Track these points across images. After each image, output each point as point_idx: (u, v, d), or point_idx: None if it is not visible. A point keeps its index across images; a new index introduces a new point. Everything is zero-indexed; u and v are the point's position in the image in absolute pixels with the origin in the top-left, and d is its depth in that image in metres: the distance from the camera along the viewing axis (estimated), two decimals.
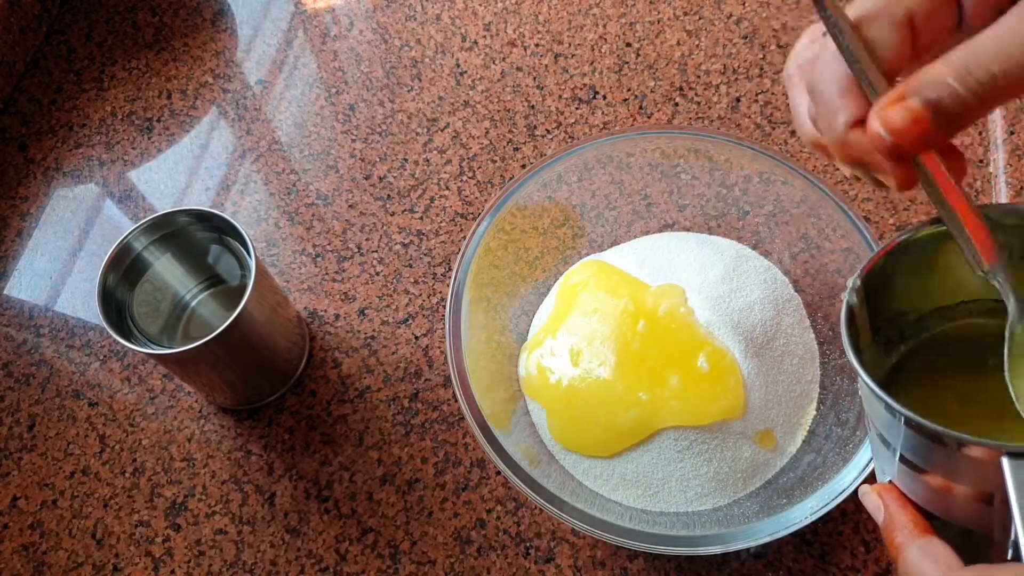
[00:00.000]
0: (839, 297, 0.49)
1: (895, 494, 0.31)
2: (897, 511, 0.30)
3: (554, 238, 0.53)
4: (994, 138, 0.57)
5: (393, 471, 0.50)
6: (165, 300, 0.52)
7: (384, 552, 0.48)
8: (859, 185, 0.57)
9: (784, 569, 0.46)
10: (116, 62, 0.68)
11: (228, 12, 0.70)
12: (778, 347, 0.48)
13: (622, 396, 0.46)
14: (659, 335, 0.48)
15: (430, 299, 0.56)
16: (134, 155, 0.64)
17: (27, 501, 0.52)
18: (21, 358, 0.56)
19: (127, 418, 0.54)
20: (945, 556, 0.28)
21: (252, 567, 0.49)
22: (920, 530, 0.29)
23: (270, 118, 0.64)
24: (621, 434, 0.46)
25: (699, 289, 0.49)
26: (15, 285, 0.59)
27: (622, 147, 0.51)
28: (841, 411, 0.46)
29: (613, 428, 0.46)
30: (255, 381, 0.51)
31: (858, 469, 0.42)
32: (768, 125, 0.60)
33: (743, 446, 0.46)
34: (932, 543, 0.29)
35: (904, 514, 0.30)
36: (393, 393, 0.53)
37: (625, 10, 0.66)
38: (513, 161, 0.60)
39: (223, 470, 0.51)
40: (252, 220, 0.60)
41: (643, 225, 0.54)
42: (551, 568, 0.47)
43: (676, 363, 0.47)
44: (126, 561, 0.49)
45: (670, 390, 0.46)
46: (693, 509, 0.46)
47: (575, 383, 0.47)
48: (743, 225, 0.53)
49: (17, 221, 0.62)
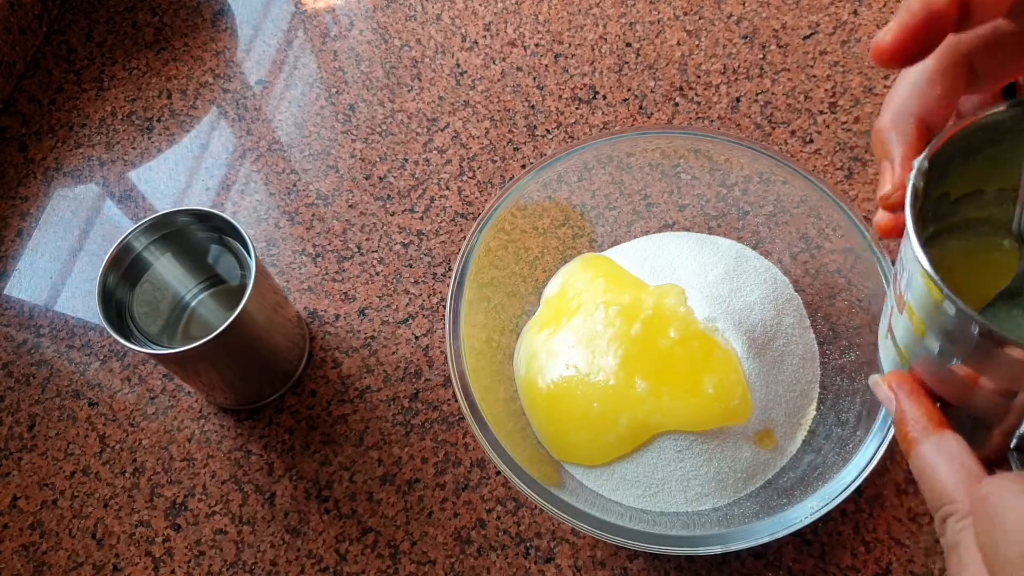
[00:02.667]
0: (839, 297, 0.49)
1: (908, 386, 0.29)
2: (910, 405, 0.29)
3: (554, 238, 0.53)
4: None
5: (393, 471, 0.50)
6: (165, 300, 0.52)
7: (384, 552, 0.48)
8: (859, 185, 0.57)
9: (784, 569, 0.46)
10: (116, 62, 0.68)
11: (228, 12, 0.70)
12: (778, 347, 0.48)
13: (620, 401, 0.46)
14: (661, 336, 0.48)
15: (430, 299, 0.56)
16: (134, 155, 0.64)
17: (27, 501, 0.52)
18: (21, 358, 0.56)
19: (127, 418, 0.54)
20: (959, 453, 0.27)
21: (252, 567, 0.49)
22: (935, 424, 0.28)
23: (270, 118, 0.64)
24: (619, 440, 0.46)
25: (699, 289, 0.49)
26: (15, 285, 0.59)
27: (622, 147, 0.51)
28: (841, 411, 0.46)
29: (610, 434, 0.46)
30: (255, 381, 0.51)
31: (858, 469, 0.42)
32: (768, 125, 0.60)
33: (743, 446, 0.46)
34: (947, 439, 0.27)
35: (918, 407, 0.28)
36: (393, 393, 0.53)
37: (625, 10, 0.66)
38: (513, 161, 0.60)
39: (223, 470, 0.51)
40: (252, 220, 0.60)
41: (643, 225, 0.54)
42: (551, 568, 0.47)
43: (680, 365, 0.47)
44: (126, 561, 0.49)
45: (673, 394, 0.46)
46: (693, 509, 0.46)
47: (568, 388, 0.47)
48: (743, 225, 0.53)
49: (17, 221, 0.62)
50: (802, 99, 0.60)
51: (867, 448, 0.42)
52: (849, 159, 0.58)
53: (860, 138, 0.58)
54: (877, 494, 0.47)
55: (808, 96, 0.61)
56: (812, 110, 0.60)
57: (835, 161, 0.58)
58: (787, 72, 0.62)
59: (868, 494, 0.47)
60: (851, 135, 0.58)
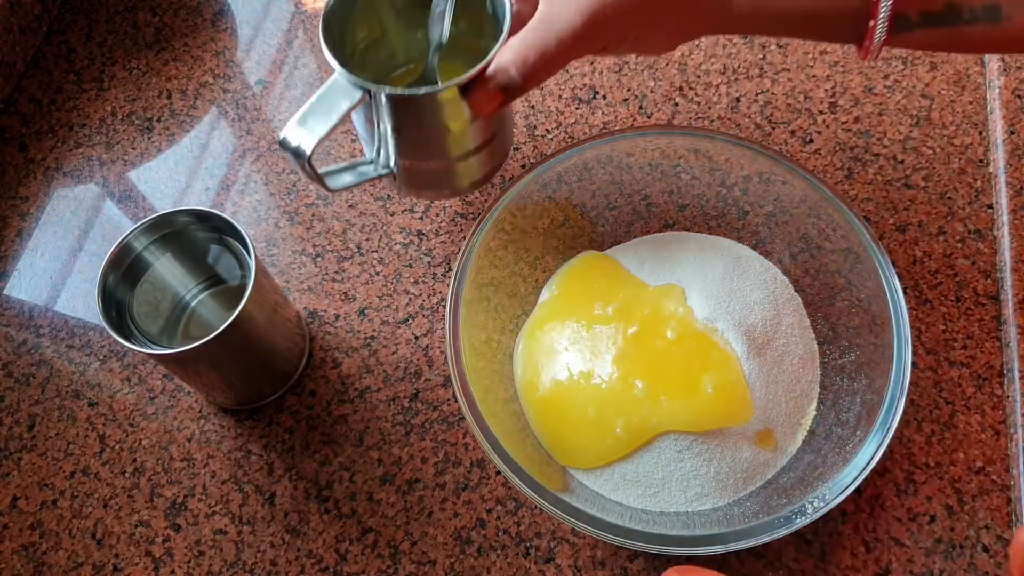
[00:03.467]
0: (839, 297, 0.49)
1: None
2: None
3: (554, 238, 0.53)
4: (994, 138, 0.57)
5: (393, 471, 0.50)
6: (165, 300, 0.52)
7: (384, 552, 0.48)
8: (859, 185, 0.57)
9: (784, 569, 0.46)
10: (116, 62, 0.68)
11: (228, 12, 0.70)
12: (778, 347, 0.48)
13: (619, 403, 0.46)
14: (660, 336, 0.48)
15: (430, 299, 0.56)
16: (134, 155, 0.64)
17: (27, 501, 0.52)
18: (21, 358, 0.56)
19: (127, 418, 0.54)
20: None
21: (252, 567, 0.49)
22: None
23: (270, 118, 0.64)
24: (619, 443, 0.46)
25: (699, 289, 0.49)
26: (15, 285, 0.59)
27: (622, 147, 0.51)
28: (841, 411, 0.46)
29: (609, 437, 0.46)
30: (255, 381, 0.51)
31: (858, 469, 0.42)
32: (768, 125, 0.60)
33: (743, 446, 0.46)
34: None
35: None
36: (393, 393, 0.53)
37: None
38: (513, 161, 0.60)
39: (223, 470, 0.51)
40: (252, 220, 0.60)
41: (643, 225, 0.54)
42: (551, 568, 0.47)
43: (679, 366, 0.47)
44: (126, 561, 0.49)
45: (672, 394, 0.46)
46: (693, 509, 0.46)
47: (567, 391, 0.47)
48: (743, 225, 0.53)
49: (17, 221, 0.62)
50: (802, 99, 0.60)
51: (867, 448, 0.42)
52: (849, 159, 0.58)
53: (860, 138, 0.58)
54: (877, 494, 0.47)
55: (808, 96, 0.61)
56: (812, 110, 0.60)
57: (835, 161, 0.58)
58: (787, 72, 0.62)
59: (868, 494, 0.47)
60: (851, 135, 0.58)
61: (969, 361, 0.50)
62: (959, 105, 0.59)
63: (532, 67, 0.40)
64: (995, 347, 0.51)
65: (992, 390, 0.50)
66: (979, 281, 0.53)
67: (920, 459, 0.48)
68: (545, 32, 0.40)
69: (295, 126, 0.42)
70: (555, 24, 0.40)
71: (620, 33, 0.41)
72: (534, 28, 0.41)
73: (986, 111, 0.58)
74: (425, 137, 0.46)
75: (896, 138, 0.58)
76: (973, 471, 0.48)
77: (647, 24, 0.42)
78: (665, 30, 0.43)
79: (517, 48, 0.41)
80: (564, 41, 0.40)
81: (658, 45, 0.44)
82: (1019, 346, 0.50)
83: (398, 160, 0.47)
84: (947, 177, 0.56)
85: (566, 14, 0.40)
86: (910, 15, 0.40)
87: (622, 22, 0.41)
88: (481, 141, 0.47)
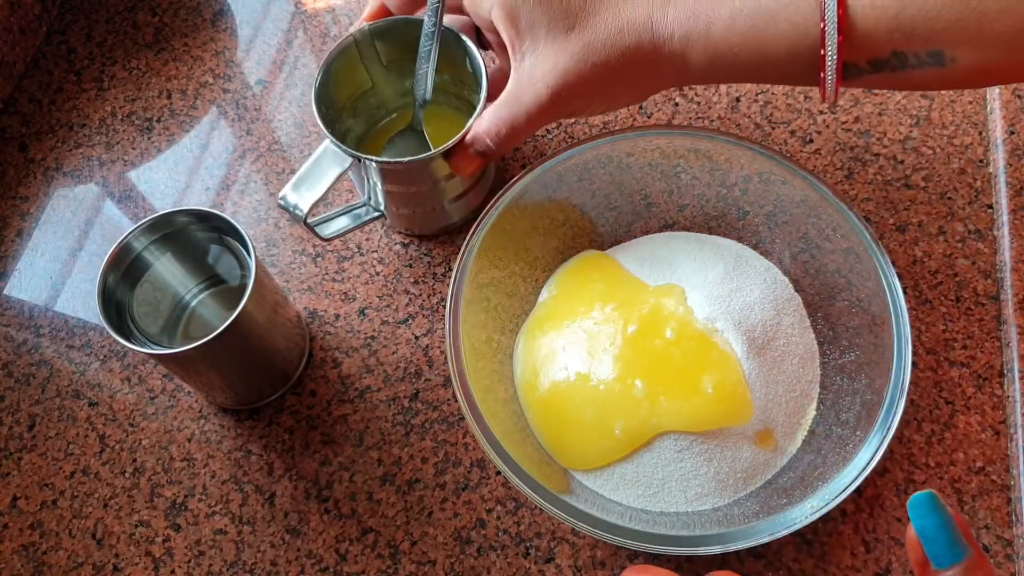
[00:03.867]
0: (839, 297, 0.49)
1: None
2: None
3: (554, 238, 0.53)
4: (994, 138, 0.57)
5: (393, 471, 0.50)
6: (165, 300, 0.52)
7: (384, 552, 0.48)
8: (859, 185, 0.57)
9: (784, 569, 0.46)
10: (116, 62, 0.68)
11: (228, 12, 0.70)
12: (778, 347, 0.48)
13: (619, 404, 0.46)
14: (660, 336, 0.48)
15: (430, 299, 0.56)
16: (134, 155, 0.64)
17: (27, 501, 0.52)
18: (21, 358, 0.56)
19: (127, 418, 0.54)
20: None
21: (252, 567, 0.49)
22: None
23: (270, 118, 0.64)
24: (618, 444, 0.46)
25: (699, 289, 0.49)
26: (15, 285, 0.59)
27: (622, 147, 0.51)
28: (841, 411, 0.46)
29: (608, 439, 0.46)
30: (255, 381, 0.51)
31: (858, 469, 0.42)
32: (768, 125, 0.60)
33: (743, 446, 0.46)
34: None
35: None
36: (393, 393, 0.53)
37: None
38: (513, 161, 0.60)
39: (223, 470, 0.51)
40: (252, 220, 0.60)
41: (643, 225, 0.54)
42: (551, 568, 0.47)
43: (679, 366, 0.47)
44: (126, 561, 0.49)
45: (672, 394, 0.46)
46: (693, 509, 0.46)
47: (566, 392, 0.47)
48: (743, 225, 0.53)
49: (17, 221, 0.62)
50: (802, 99, 0.60)
51: (867, 448, 0.42)
52: (849, 159, 0.58)
53: (860, 138, 0.58)
54: (877, 494, 0.47)
55: (808, 96, 0.60)
56: (812, 110, 0.60)
57: (835, 161, 0.58)
58: None
59: (868, 494, 0.47)
60: (851, 135, 0.58)
61: (969, 361, 0.50)
62: (959, 105, 0.59)
63: (504, 138, 0.47)
64: (995, 347, 0.51)
65: (992, 390, 0.50)
66: (979, 281, 0.53)
67: (920, 459, 0.48)
68: (514, 107, 0.46)
69: (291, 190, 0.48)
70: (523, 100, 0.45)
71: (585, 102, 0.46)
72: (505, 103, 0.46)
73: (986, 111, 0.58)
74: (413, 192, 0.51)
75: (896, 138, 0.58)
76: (973, 471, 0.48)
77: (610, 93, 0.46)
78: (628, 95, 0.47)
79: (491, 121, 0.46)
80: (532, 115, 0.45)
81: (623, 104, 0.49)
82: (1019, 346, 0.50)
83: (388, 207, 0.53)
84: (947, 177, 0.56)
85: (533, 91, 0.45)
86: (858, 62, 0.41)
87: (586, 93, 0.45)
88: (467, 187, 0.53)
